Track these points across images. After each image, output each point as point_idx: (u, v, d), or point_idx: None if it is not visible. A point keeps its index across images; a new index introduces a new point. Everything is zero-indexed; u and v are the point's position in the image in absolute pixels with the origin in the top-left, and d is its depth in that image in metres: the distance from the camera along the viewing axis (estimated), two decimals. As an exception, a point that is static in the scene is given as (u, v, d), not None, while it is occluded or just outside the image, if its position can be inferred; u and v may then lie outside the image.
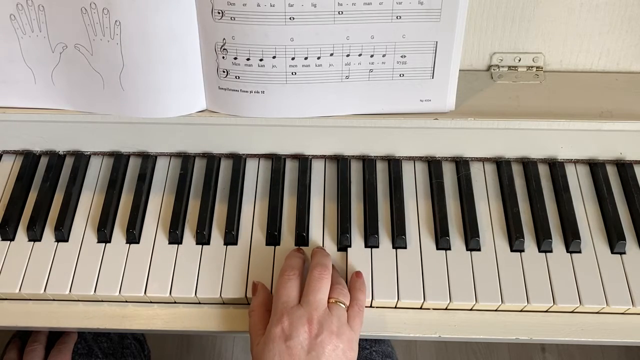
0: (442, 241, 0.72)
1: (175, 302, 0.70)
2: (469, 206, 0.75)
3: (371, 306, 0.69)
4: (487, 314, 0.69)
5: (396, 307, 0.70)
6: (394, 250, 0.72)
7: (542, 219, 0.73)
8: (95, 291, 0.69)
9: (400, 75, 0.70)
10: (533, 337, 0.68)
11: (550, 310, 0.69)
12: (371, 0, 0.64)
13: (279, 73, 0.68)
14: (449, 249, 0.72)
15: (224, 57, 0.68)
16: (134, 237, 0.73)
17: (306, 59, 0.68)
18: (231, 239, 0.73)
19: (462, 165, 0.78)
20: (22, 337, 0.85)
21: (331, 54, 0.68)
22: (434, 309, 0.70)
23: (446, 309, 0.70)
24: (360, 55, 0.68)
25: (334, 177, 0.78)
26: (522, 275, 0.70)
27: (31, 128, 0.77)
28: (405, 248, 0.72)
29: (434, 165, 0.78)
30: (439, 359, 1.45)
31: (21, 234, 0.74)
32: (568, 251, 0.72)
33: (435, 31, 0.67)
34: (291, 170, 0.79)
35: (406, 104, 0.72)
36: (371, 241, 0.72)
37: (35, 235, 0.73)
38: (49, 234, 0.74)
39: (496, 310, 0.69)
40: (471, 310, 0.69)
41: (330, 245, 0.73)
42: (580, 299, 0.68)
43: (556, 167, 0.78)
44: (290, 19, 0.65)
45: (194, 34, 0.67)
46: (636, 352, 1.44)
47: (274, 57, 0.67)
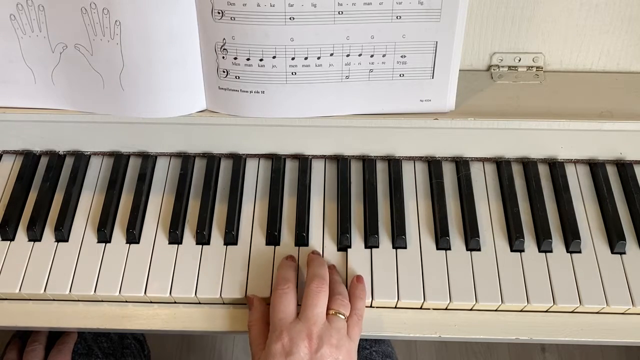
0: (442, 241, 0.72)
1: (175, 302, 0.70)
2: (469, 206, 0.75)
3: (371, 306, 0.69)
4: (487, 314, 0.69)
5: (396, 307, 0.70)
6: (394, 250, 0.72)
7: (542, 219, 0.73)
8: (95, 291, 0.69)
9: (400, 75, 0.70)
10: (533, 337, 0.68)
11: (550, 310, 0.69)
12: (371, 0, 0.64)
13: (279, 73, 0.68)
14: (449, 249, 0.72)
15: (224, 57, 0.68)
16: (134, 237, 0.73)
17: (306, 59, 0.68)
18: (231, 239, 0.73)
19: (462, 165, 0.78)
20: (22, 337, 0.85)
21: (331, 54, 0.68)
22: (434, 309, 0.70)
23: (446, 309, 0.70)
24: (360, 55, 0.68)
25: (334, 177, 0.78)
26: (522, 275, 0.70)
27: (31, 128, 0.77)
28: (405, 248, 0.72)
29: (434, 165, 0.78)
30: (439, 359, 1.45)
31: (21, 234, 0.74)
32: (568, 251, 0.72)
33: (435, 31, 0.67)
34: (291, 170, 0.79)
35: (406, 104, 0.72)
36: (371, 241, 0.72)
37: (35, 235, 0.73)
38: (49, 234, 0.74)
39: (496, 310, 0.69)
40: (471, 310, 0.69)
41: (330, 246, 0.73)
42: (580, 299, 0.68)
43: (556, 167, 0.78)
44: (290, 19, 0.65)
45: (194, 34, 0.67)
46: (636, 352, 1.44)
47: (274, 57, 0.67)
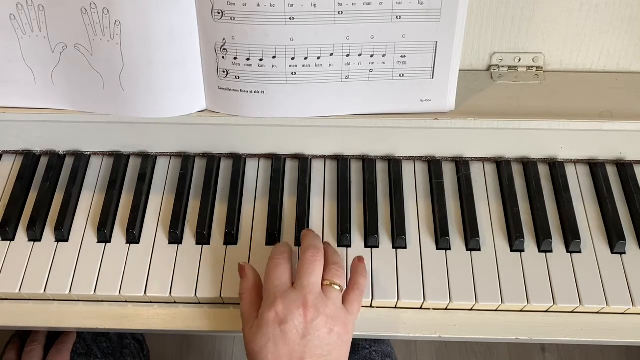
0: (442, 241, 0.72)
1: (175, 302, 0.70)
2: (469, 206, 0.75)
3: (371, 306, 0.69)
4: (487, 314, 0.69)
5: (396, 307, 0.70)
6: (394, 250, 0.72)
7: (542, 219, 0.73)
8: (95, 291, 0.69)
9: (400, 75, 0.70)
10: (533, 337, 0.68)
11: (550, 310, 0.69)
12: (371, 0, 0.64)
13: (279, 73, 0.68)
14: (449, 249, 0.72)
15: (224, 57, 0.68)
16: (134, 237, 0.73)
17: (306, 59, 0.68)
18: (231, 239, 0.73)
19: (462, 165, 0.78)
20: (21, 337, 0.85)
21: (331, 54, 0.68)
22: (434, 309, 0.70)
23: (446, 309, 0.70)
24: (360, 55, 0.68)
25: (334, 177, 0.78)
26: (522, 275, 0.70)
27: (31, 128, 0.77)
28: (405, 248, 0.72)
29: (434, 165, 0.78)
30: (439, 359, 1.45)
31: (21, 234, 0.74)
32: (568, 251, 0.72)
33: (435, 31, 0.67)
34: (291, 170, 0.79)
35: (406, 104, 0.72)
36: (371, 241, 0.72)
37: (35, 235, 0.73)
38: (49, 234, 0.74)
39: (496, 310, 0.69)
40: (471, 310, 0.69)
41: (330, 244, 0.73)
42: (580, 299, 0.68)
43: (556, 167, 0.78)
44: (290, 19, 0.65)
45: (194, 34, 0.67)
46: (636, 352, 1.44)
47: (274, 57, 0.67)
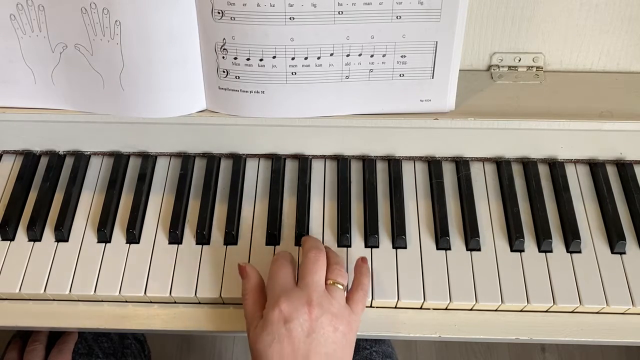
0: (442, 241, 0.72)
1: (175, 302, 0.70)
2: (469, 206, 0.75)
3: (371, 306, 0.69)
4: (487, 314, 0.69)
5: (396, 307, 0.70)
6: (394, 250, 0.72)
7: (542, 219, 0.73)
8: (95, 291, 0.69)
9: (400, 75, 0.70)
10: (533, 337, 0.68)
11: (550, 310, 0.69)
12: (371, 0, 0.64)
13: (279, 73, 0.68)
14: (449, 249, 0.72)
15: (224, 57, 0.68)
16: (134, 237, 0.73)
17: (306, 59, 0.68)
18: (231, 239, 0.73)
19: (462, 165, 0.78)
20: (22, 337, 0.85)
21: (331, 54, 0.68)
22: (434, 309, 0.70)
23: (446, 309, 0.70)
24: (360, 55, 0.68)
25: (334, 177, 0.78)
26: (522, 275, 0.70)
27: (31, 128, 0.77)
28: (405, 248, 0.72)
29: (434, 165, 0.78)
30: (439, 359, 1.45)
31: (21, 234, 0.74)
32: (568, 251, 0.72)
33: (435, 31, 0.67)
34: (291, 170, 0.79)
35: (406, 104, 0.72)
36: (371, 241, 0.72)
37: (35, 235, 0.73)
38: (49, 234, 0.74)
39: (496, 310, 0.69)
40: (471, 310, 0.69)
41: (331, 245, 0.72)
42: (580, 299, 0.68)
43: (556, 167, 0.78)
44: (290, 19, 0.65)
45: (194, 34, 0.67)
46: (636, 352, 1.44)
47: (274, 57, 0.67)
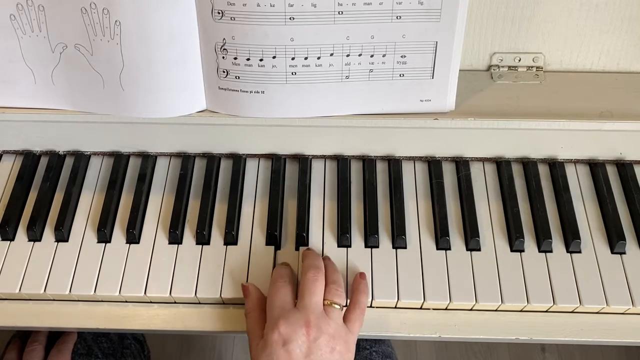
0: (442, 241, 0.72)
1: (175, 302, 0.70)
2: (469, 206, 0.75)
3: (371, 306, 0.69)
4: (487, 314, 0.69)
5: (396, 307, 0.70)
6: (394, 250, 0.72)
7: (542, 219, 0.73)
8: (95, 291, 0.69)
9: (400, 75, 0.70)
10: (533, 337, 0.68)
11: (550, 310, 0.69)
12: (371, 0, 0.64)
13: (279, 73, 0.68)
14: (449, 249, 0.72)
15: (224, 57, 0.68)
16: (134, 237, 0.73)
17: (306, 59, 0.68)
18: (231, 239, 0.73)
19: (462, 165, 0.78)
20: (22, 337, 0.85)
21: (331, 54, 0.68)
22: (434, 309, 0.70)
23: (446, 309, 0.70)
24: (360, 55, 0.68)
25: (334, 177, 0.78)
26: (522, 275, 0.70)
27: (31, 128, 0.77)
28: (405, 248, 0.72)
29: (434, 165, 0.78)
30: (439, 359, 1.45)
31: (21, 234, 0.74)
32: (568, 251, 0.72)
33: (435, 31, 0.67)
34: (291, 170, 0.79)
35: (406, 104, 0.72)
36: (371, 241, 0.72)
37: (35, 235, 0.73)
38: (49, 234, 0.74)
39: (496, 310, 0.69)
40: (471, 310, 0.69)
41: (331, 245, 0.73)
42: (580, 299, 0.68)
43: (556, 167, 0.78)
44: (290, 19, 0.65)
45: (194, 34, 0.67)
46: (636, 352, 1.44)
47: (274, 57, 0.67)
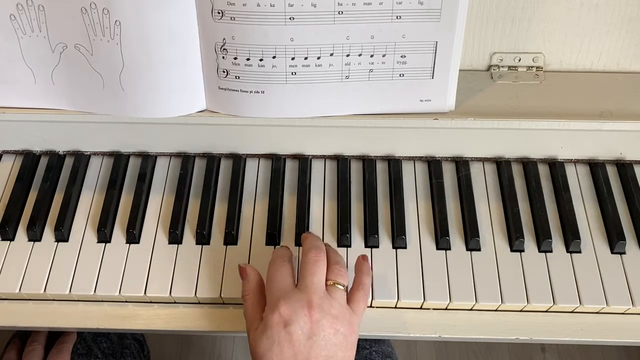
0: (442, 241, 0.72)
1: (175, 302, 0.70)
2: (469, 206, 0.75)
3: (371, 306, 0.69)
4: (487, 314, 0.69)
5: (396, 307, 0.70)
6: (394, 250, 0.72)
7: (542, 219, 0.73)
8: (95, 291, 0.69)
9: (400, 75, 0.70)
10: (533, 337, 0.68)
11: (550, 310, 0.69)
12: (371, 0, 0.64)
13: (279, 73, 0.68)
14: (449, 249, 0.72)
15: (224, 57, 0.68)
16: (134, 237, 0.73)
17: (306, 59, 0.68)
18: (231, 239, 0.73)
19: (462, 165, 0.78)
20: (21, 337, 0.85)
21: (331, 54, 0.68)
22: (434, 309, 0.70)
23: (446, 309, 0.70)
24: (360, 55, 0.68)
25: (334, 177, 0.78)
26: (522, 275, 0.70)
27: (31, 128, 0.77)
28: (405, 248, 0.72)
29: (434, 165, 0.78)
30: (439, 359, 1.45)
31: (21, 234, 0.74)
32: (568, 251, 0.72)
33: (435, 31, 0.67)
34: (291, 170, 0.79)
35: (406, 104, 0.72)
36: (371, 241, 0.72)
37: (35, 235, 0.73)
38: (49, 234, 0.74)
39: (496, 310, 0.69)
40: (471, 310, 0.69)
41: (330, 245, 0.72)
42: (580, 299, 0.68)
43: (556, 167, 0.78)
44: (290, 19, 0.65)
45: (194, 34, 0.67)
46: (636, 352, 1.44)
47: (274, 57, 0.67)
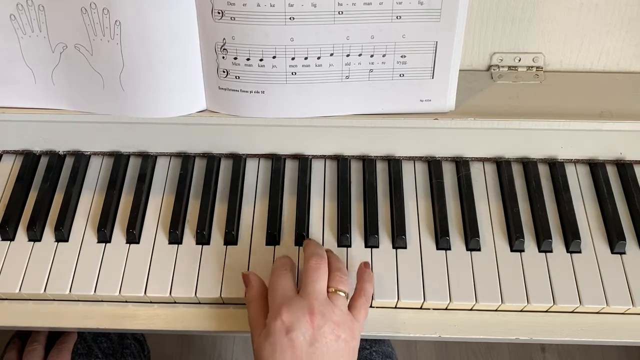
0: (442, 241, 0.72)
1: (175, 302, 0.70)
2: (469, 206, 0.75)
3: (371, 306, 0.69)
4: (487, 314, 0.69)
5: (396, 307, 0.70)
6: (394, 250, 0.72)
7: (542, 219, 0.73)
8: (95, 291, 0.69)
9: (400, 75, 0.70)
10: (533, 337, 0.68)
11: (550, 310, 0.69)
12: (371, 0, 0.64)
13: (279, 73, 0.68)
14: (449, 249, 0.72)
15: (224, 57, 0.68)
16: (134, 237, 0.73)
17: (306, 59, 0.68)
18: (231, 239, 0.73)
19: (462, 165, 0.78)
20: (21, 337, 0.85)
21: (331, 54, 0.68)
22: (434, 309, 0.70)
23: (446, 309, 0.70)
24: (360, 55, 0.68)
25: (334, 177, 0.78)
26: (522, 275, 0.70)
27: (31, 128, 0.77)
28: (405, 248, 0.72)
29: (434, 165, 0.78)
30: (439, 359, 1.45)
31: (21, 234, 0.74)
32: (568, 251, 0.72)
33: (435, 31, 0.67)
34: (291, 170, 0.79)
35: (406, 104, 0.72)
36: (371, 241, 0.72)
37: (35, 235, 0.73)
38: (49, 234, 0.74)
39: (496, 310, 0.69)
40: (471, 310, 0.69)
41: (331, 245, 0.73)
42: (580, 299, 0.68)
43: (556, 167, 0.78)
44: (290, 19, 0.65)
45: (194, 34, 0.67)
46: (636, 352, 1.44)
47: (274, 57, 0.67)
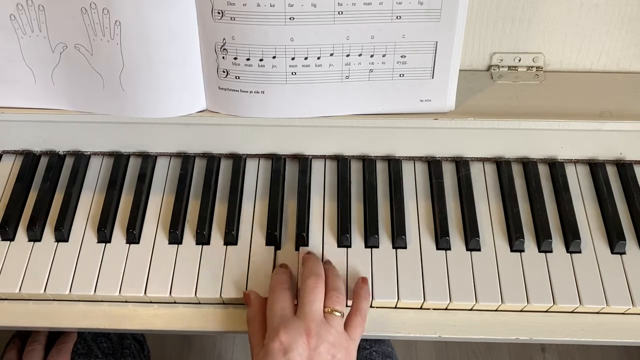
0: (442, 241, 0.72)
1: (175, 302, 0.70)
2: (469, 206, 0.75)
3: (371, 306, 0.69)
4: (487, 314, 0.69)
5: (396, 307, 0.70)
6: (394, 250, 0.72)
7: (542, 219, 0.73)
8: (95, 291, 0.69)
9: (400, 75, 0.70)
10: (533, 337, 0.68)
11: (550, 310, 0.69)
12: (371, 0, 0.64)
13: (279, 73, 0.68)
14: (449, 249, 0.72)
15: (224, 57, 0.68)
16: (134, 237, 0.73)
17: (306, 59, 0.68)
18: (231, 239, 0.73)
19: (462, 165, 0.78)
20: (21, 337, 0.85)
21: (331, 54, 0.68)
22: (434, 309, 0.70)
23: (446, 309, 0.70)
24: (360, 55, 0.68)
25: (334, 177, 0.78)
26: (522, 275, 0.70)
27: (31, 128, 0.77)
28: (405, 248, 0.72)
29: (434, 165, 0.78)
30: (439, 359, 1.45)
31: (21, 234, 0.74)
32: (568, 251, 0.72)
33: (435, 31, 0.67)
34: (291, 171, 0.79)
35: (406, 104, 0.72)
36: (371, 241, 0.72)
37: (35, 235, 0.73)
38: (49, 234, 0.74)
39: (496, 310, 0.69)
40: (471, 310, 0.69)
41: (331, 246, 0.73)
42: (580, 299, 0.68)
43: (556, 167, 0.78)
44: (290, 19, 0.65)
45: (194, 34, 0.67)
46: (636, 352, 1.44)
47: (274, 57, 0.67)
